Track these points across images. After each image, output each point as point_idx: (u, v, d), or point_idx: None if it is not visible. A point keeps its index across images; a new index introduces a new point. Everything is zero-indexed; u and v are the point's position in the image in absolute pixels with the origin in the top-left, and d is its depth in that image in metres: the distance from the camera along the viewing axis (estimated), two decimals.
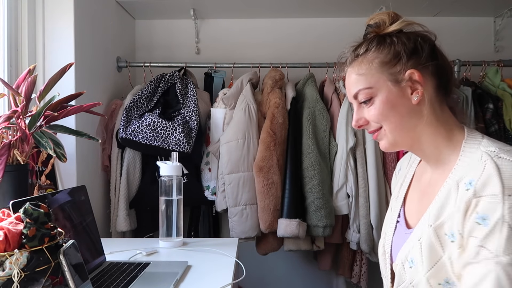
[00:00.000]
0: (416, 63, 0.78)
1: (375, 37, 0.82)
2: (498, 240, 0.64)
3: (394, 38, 0.80)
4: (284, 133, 1.82)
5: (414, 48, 0.79)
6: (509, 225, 0.63)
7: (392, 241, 0.89)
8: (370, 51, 0.81)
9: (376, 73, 0.79)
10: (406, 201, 0.91)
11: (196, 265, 1.20)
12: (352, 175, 1.79)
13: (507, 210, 0.64)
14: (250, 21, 2.33)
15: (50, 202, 1.00)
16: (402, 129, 0.80)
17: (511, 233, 0.63)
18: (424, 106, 0.79)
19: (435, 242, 0.75)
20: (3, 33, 1.42)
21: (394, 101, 0.78)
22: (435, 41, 0.83)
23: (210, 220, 2.01)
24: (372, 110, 0.80)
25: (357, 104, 0.84)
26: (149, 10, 2.19)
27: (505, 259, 0.63)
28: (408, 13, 2.20)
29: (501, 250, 0.63)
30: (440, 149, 0.80)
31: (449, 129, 0.80)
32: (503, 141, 1.95)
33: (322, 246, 1.85)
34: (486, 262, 0.65)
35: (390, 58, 0.79)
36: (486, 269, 0.64)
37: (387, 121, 0.80)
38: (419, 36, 0.81)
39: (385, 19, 0.82)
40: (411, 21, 0.81)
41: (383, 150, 0.85)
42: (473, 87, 1.92)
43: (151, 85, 1.90)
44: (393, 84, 0.78)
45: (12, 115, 1.11)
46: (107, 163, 1.86)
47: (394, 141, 0.81)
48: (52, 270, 0.73)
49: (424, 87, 0.78)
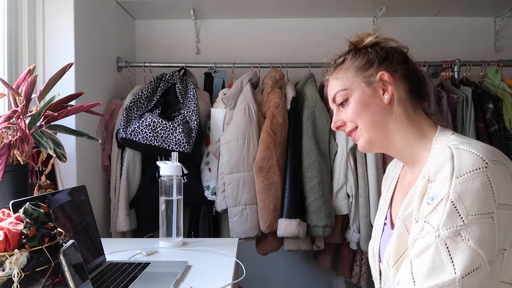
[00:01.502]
0: (387, 67, 0.86)
1: (352, 49, 0.92)
2: (440, 215, 0.68)
3: (369, 49, 0.89)
4: (284, 133, 1.82)
5: (386, 55, 0.87)
6: (452, 202, 0.67)
7: (380, 242, 0.93)
8: (347, 60, 0.90)
9: (352, 77, 0.88)
10: (392, 203, 0.95)
11: (196, 265, 1.20)
12: (352, 175, 1.79)
13: (452, 188, 0.68)
14: (250, 21, 2.33)
15: (50, 202, 1.00)
16: (375, 126, 0.86)
17: (453, 209, 0.67)
18: (394, 105, 0.85)
19: (403, 233, 0.79)
20: (3, 33, 1.42)
21: (367, 100, 0.86)
22: (407, 53, 0.91)
23: (210, 220, 2.01)
24: (348, 110, 0.87)
25: (336, 108, 0.91)
26: (149, 10, 2.19)
27: (444, 232, 0.66)
28: (408, 13, 2.22)
29: (442, 224, 0.67)
30: (413, 147, 0.85)
31: (421, 129, 0.85)
32: (503, 141, 1.96)
33: (322, 246, 1.85)
34: (428, 236, 0.69)
35: (363, 63, 0.87)
36: (427, 242, 0.68)
37: (361, 119, 0.86)
38: (391, 47, 0.90)
39: (363, 37, 0.91)
40: (388, 37, 0.90)
41: (361, 150, 0.91)
42: (473, 87, 1.92)
43: (151, 85, 1.90)
44: (366, 85, 0.86)
45: (12, 115, 1.11)
46: (107, 163, 1.86)
47: (370, 139, 0.87)
48: (52, 270, 0.73)
49: (394, 88, 0.85)
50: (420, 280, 0.67)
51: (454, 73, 2.03)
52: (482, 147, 0.72)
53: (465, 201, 0.66)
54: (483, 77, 2.03)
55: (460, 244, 0.65)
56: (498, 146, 1.85)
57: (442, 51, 2.18)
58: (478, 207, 0.66)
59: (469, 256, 0.64)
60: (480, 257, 0.64)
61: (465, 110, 1.85)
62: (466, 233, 0.65)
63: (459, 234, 0.66)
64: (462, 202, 0.67)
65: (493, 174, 0.67)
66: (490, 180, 0.67)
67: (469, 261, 0.64)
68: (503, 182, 0.68)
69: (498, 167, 0.69)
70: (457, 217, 0.66)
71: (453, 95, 1.86)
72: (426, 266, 0.67)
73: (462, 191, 0.67)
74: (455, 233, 0.66)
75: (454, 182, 0.68)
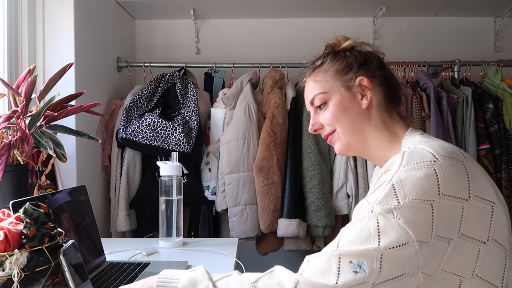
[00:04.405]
0: (365, 72, 0.87)
1: (330, 52, 0.93)
2: (378, 194, 0.70)
3: (347, 52, 0.91)
4: (284, 133, 1.82)
5: (364, 60, 0.89)
6: (392, 184, 0.69)
7: None
8: (326, 62, 0.91)
9: (331, 80, 0.89)
10: None
11: (196, 265, 1.19)
12: (352, 175, 1.79)
13: (397, 175, 0.70)
14: (250, 21, 2.33)
15: (50, 202, 1.00)
16: (353, 131, 0.87)
17: (391, 190, 0.69)
18: (372, 111, 0.87)
19: None
20: (3, 33, 1.42)
21: (346, 105, 0.87)
22: (383, 58, 0.93)
23: (210, 220, 2.01)
24: (326, 114, 0.89)
25: (314, 110, 0.93)
26: (149, 10, 2.19)
27: (377, 208, 0.68)
28: (408, 13, 2.22)
29: (377, 202, 0.69)
30: (385, 152, 0.87)
31: (394, 133, 0.87)
32: (503, 141, 1.96)
33: (322, 246, 1.84)
34: (362, 211, 0.71)
35: (343, 67, 0.89)
36: (361, 216, 0.70)
37: (340, 124, 0.88)
38: (368, 52, 0.92)
39: (340, 40, 0.92)
40: (363, 42, 0.92)
41: (338, 153, 0.92)
42: (473, 87, 1.92)
43: (151, 85, 1.90)
44: (345, 90, 0.87)
45: (12, 115, 1.11)
46: (107, 163, 1.86)
47: (347, 144, 0.89)
48: (52, 270, 0.73)
49: (372, 93, 0.86)
50: (344, 244, 0.68)
51: (454, 73, 2.03)
52: (439, 146, 0.74)
53: (405, 186, 0.68)
54: (483, 77, 2.04)
55: (391, 221, 0.67)
56: (498, 146, 1.85)
57: (442, 51, 2.18)
58: (417, 193, 0.67)
59: (396, 233, 0.66)
60: (407, 235, 0.66)
61: (465, 110, 1.85)
62: (399, 212, 0.67)
63: (392, 212, 0.67)
64: (402, 187, 0.69)
65: (442, 168, 0.69)
66: (436, 172, 0.69)
67: (395, 237, 0.66)
68: (453, 176, 0.69)
69: (451, 162, 0.71)
70: (393, 197, 0.68)
71: (453, 95, 1.86)
72: (353, 234, 0.69)
73: (405, 178, 0.69)
74: (388, 210, 0.67)
75: (400, 170, 0.70)
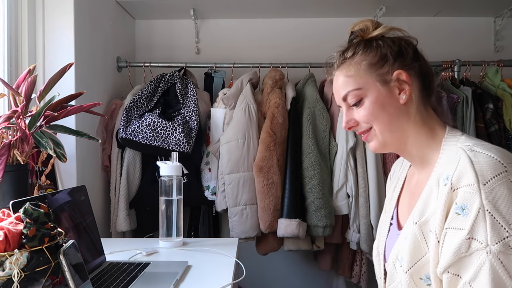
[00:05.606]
0: (402, 65, 0.81)
1: (361, 41, 0.85)
2: (484, 230, 0.65)
3: (379, 41, 0.83)
4: (284, 133, 1.82)
5: (399, 50, 0.82)
6: (489, 213, 0.66)
7: (385, 242, 0.91)
8: (358, 54, 0.83)
9: (365, 74, 0.82)
10: (399, 203, 0.93)
11: (196, 265, 1.20)
12: (352, 175, 1.79)
13: (485, 198, 0.66)
14: (250, 21, 2.33)
15: (50, 202, 1.00)
16: (391, 129, 0.82)
17: (493, 221, 0.65)
18: (411, 106, 0.82)
19: (420, 239, 0.77)
20: (3, 33, 1.42)
21: (384, 101, 0.81)
22: (416, 45, 0.86)
23: (210, 220, 2.01)
24: (362, 111, 0.82)
25: (346, 106, 0.86)
26: (149, 10, 2.19)
27: (494, 247, 0.64)
28: (408, 13, 2.22)
29: (490, 239, 0.65)
30: (423, 149, 0.83)
31: (432, 129, 0.83)
32: (503, 141, 1.96)
33: (322, 246, 1.85)
34: (477, 253, 0.66)
35: (377, 60, 0.82)
36: (480, 261, 0.65)
37: (377, 121, 0.82)
38: (402, 40, 0.84)
39: (369, 25, 0.85)
40: (394, 27, 0.85)
41: (373, 151, 0.87)
42: (473, 87, 1.92)
43: (151, 85, 1.90)
44: (382, 85, 0.81)
45: (12, 115, 1.11)
46: (107, 163, 1.86)
47: (384, 142, 0.83)
48: (52, 270, 0.73)
49: (410, 87, 0.81)
50: None
51: (454, 73, 2.03)
52: (496, 150, 0.72)
53: (501, 210, 0.65)
54: (483, 77, 2.03)
55: None
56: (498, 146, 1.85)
57: (442, 51, 2.18)
58: None
59: None
60: None
61: (465, 110, 1.85)
62: None
63: (509, 246, 0.64)
64: (498, 211, 0.65)
65: None
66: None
67: None
68: None
69: None
70: (500, 228, 0.65)
71: (453, 95, 1.86)
72: None
73: (494, 200, 0.66)
74: (505, 245, 0.64)
75: (483, 190, 0.67)
